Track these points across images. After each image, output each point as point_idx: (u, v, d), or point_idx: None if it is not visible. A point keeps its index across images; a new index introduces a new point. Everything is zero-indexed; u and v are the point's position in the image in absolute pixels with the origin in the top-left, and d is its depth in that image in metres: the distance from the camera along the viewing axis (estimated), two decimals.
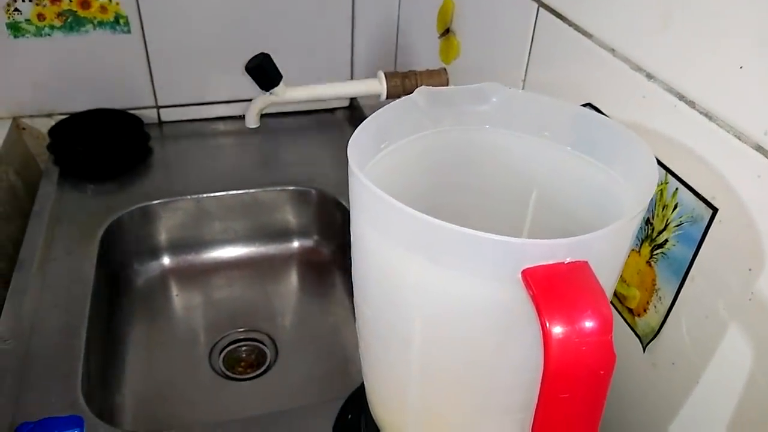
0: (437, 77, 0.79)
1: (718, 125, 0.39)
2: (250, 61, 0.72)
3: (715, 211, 0.40)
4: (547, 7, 0.56)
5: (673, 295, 0.45)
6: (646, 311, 0.48)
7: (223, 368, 0.93)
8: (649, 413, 0.49)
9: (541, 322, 0.28)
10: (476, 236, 0.29)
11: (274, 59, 0.78)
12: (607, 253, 0.31)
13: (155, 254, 1.04)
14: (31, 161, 1.14)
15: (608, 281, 0.32)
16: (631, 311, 0.49)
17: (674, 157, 0.43)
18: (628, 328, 0.50)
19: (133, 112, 1.14)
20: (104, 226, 0.96)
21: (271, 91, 0.73)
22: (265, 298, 1.04)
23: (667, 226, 0.44)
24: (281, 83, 0.74)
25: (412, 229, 0.31)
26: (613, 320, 0.28)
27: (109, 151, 1.07)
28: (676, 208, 0.43)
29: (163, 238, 1.04)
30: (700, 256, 0.42)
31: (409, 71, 0.79)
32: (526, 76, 0.61)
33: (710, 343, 0.42)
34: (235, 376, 0.92)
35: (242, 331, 0.98)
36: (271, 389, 0.90)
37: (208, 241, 1.07)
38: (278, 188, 1.07)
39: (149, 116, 1.17)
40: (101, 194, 1.03)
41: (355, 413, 0.51)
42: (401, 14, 0.92)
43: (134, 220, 1.01)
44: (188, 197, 1.04)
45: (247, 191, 1.06)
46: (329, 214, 1.08)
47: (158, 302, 1.01)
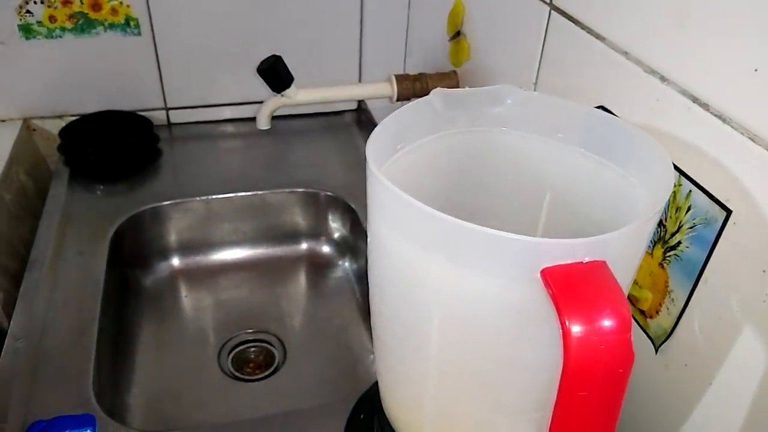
0: (447, 80, 0.79)
1: (732, 128, 0.39)
2: (262, 63, 0.72)
3: (729, 213, 0.40)
4: (559, 10, 0.56)
5: (686, 297, 0.45)
6: (658, 313, 0.48)
7: (231, 369, 0.94)
8: (661, 414, 0.49)
9: (560, 320, 0.28)
10: (496, 236, 0.29)
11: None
12: (624, 253, 0.31)
13: (164, 255, 1.05)
14: (41, 162, 1.14)
15: (625, 281, 0.33)
16: (643, 313, 0.50)
17: (688, 159, 0.44)
18: (640, 329, 0.50)
19: (142, 113, 1.15)
20: (114, 226, 0.96)
21: (282, 93, 0.74)
22: (273, 299, 1.05)
23: (680, 228, 0.45)
24: (292, 85, 0.74)
25: (431, 228, 0.31)
26: (631, 319, 0.28)
27: (119, 152, 1.07)
28: (689, 210, 0.44)
29: (172, 239, 1.04)
30: (713, 258, 0.42)
31: (419, 74, 0.79)
32: (537, 78, 0.62)
33: (723, 344, 0.42)
34: (243, 376, 0.93)
35: (251, 332, 0.99)
36: (279, 390, 0.91)
37: (217, 242, 1.07)
38: (287, 190, 1.08)
39: (159, 118, 1.18)
40: (111, 195, 1.04)
41: (367, 413, 0.51)
42: (411, 17, 0.92)
43: (144, 221, 1.01)
44: (197, 199, 1.04)
45: (255, 193, 1.07)
46: (337, 216, 1.08)
47: (167, 303, 1.01)
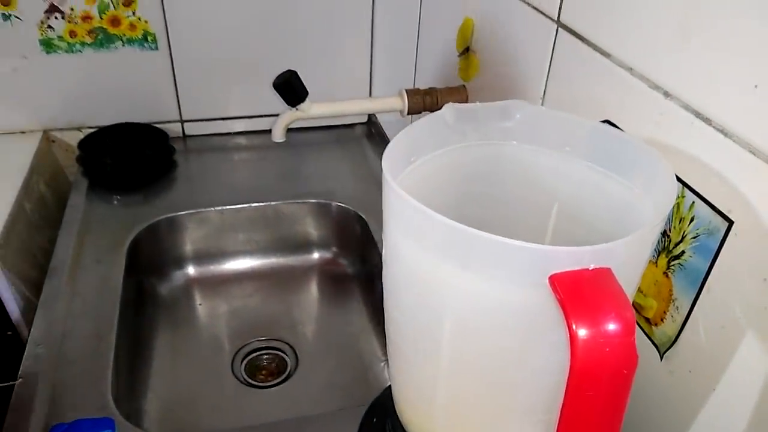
0: (457, 94, 0.81)
1: (733, 141, 0.41)
2: (277, 77, 0.74)
3: (731, 223, 0.42)
4: (566, 27, 0.58)
5: (689, 305, 0.46)
6: (663, 321, 0.49)
7: (245, 376, 0.95)
8: (666, 418, 0.50)
9: (568, 324, 0.30)
10: (506, 243, 0.31)
11: None
12: (628, 260, 0.33)
13: (180, 264, 1.07)
14: (60, 173, 1.17)
15: (629, 287, 0.34)
16: (648, 321, 0.51)
17: (691, 171, 0.45)
18: (645, 337, 0.52)
19: (158, 126, 1.18)
20: (131, 236, 0.99)
21: (297, 107, 0.76)
22: (285, 308, 1.06)
23: (683, 238, 0.46)
24: (307, 99, 0.76)
25: (444, 236, 0.33)
26: (635, 323, 0.30)
27: (135, 163, 1.10)
28: (692, 220, 0.45)
29: (187, 248, 1.07)
30: (716, 267, 0.44)
31: (429, 88, 0.81)
32: (545, 94, 0.63)
33: (727, 351, 0.44)
34: (256, 383, 0.95)
35: (263, 339, 1.01)
36: (291, 397, 0.92)
37: (230, 252, 1.09)
38: (299, 201, 1.10)
39: (174, 130, 1.21)
40: (128, 205, 1.06)
41: (380, 417, 0.53)
42: (421, 33, 0.94)
43: (160, 230, 1.04)
44: (212, 209, 1.07)
45: (268, 204, 1.09)
46: (348, 226, 1.10)
47: (182, 311, 1.03)
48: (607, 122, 0.53)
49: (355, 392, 0.93)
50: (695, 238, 0.45)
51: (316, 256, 1.13)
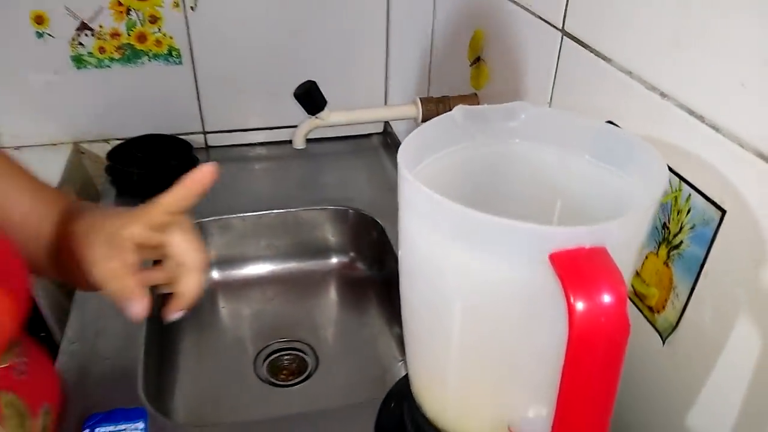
0: (469, 102, 0.85)
1: (723, 136, 0.44)
2: (298, 88, 0.79)
3: (723, 212, 0.45)
4: (569, 35, 0.62)
5: (688, 291, 0.49)
6: (664, 308, 0.52)
7: (267, 375, 0.99)
8: (670, 399, 0.53)
9: (566, 298, 0.33)
10: (510, 225, 0.34)
11: None
12: (623, 240, 0.36)
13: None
14: (90, 182, 1.22)
15: (626, 265, 0.37)
16: (651, 309, 0.54)
17: (687, 166, 0.48)
18: (648, 324, 0.54)
19: (182, 137, 1.22)
20: None
21: (317, 115, 0.80)
22: (305, 310, 1.10)
23: (681, 228, 0.49)
24: (326, 108, 0.80)
25: (453, 221, 0.36)
26: (627, 296, 0.33)
27: (161, 173, 1.15)
28: (689, 212, 0.48)
29: (210, 253, 1.11)
30: (711, 254, 0.47)
31: (442, 96, 0.85)
32: (551, 99, 0.67)
33: (723, 332, 0.46)
34: (278, 382, 0.98)
35: (285, 341, 1.04)
36: (312, 395, 0.96)
37: (252, 257, 1.13)
38: (318, 207, 1.14)
39: (197, 141, 1.26)
40: None
41: (397, 402, 0.56)
42: (434, 44, 0.98)
43: None
44: (234, 216, 1.11)
45: (288, 210, 1.13)
46: (365, 231, 1.14)
47: (206, 314, 1.07)
48: (609, 123, 0.56)
49: (373, 391, 0.96)
50: (692, 228, 0.48)
51: (334, 260, 1.17)
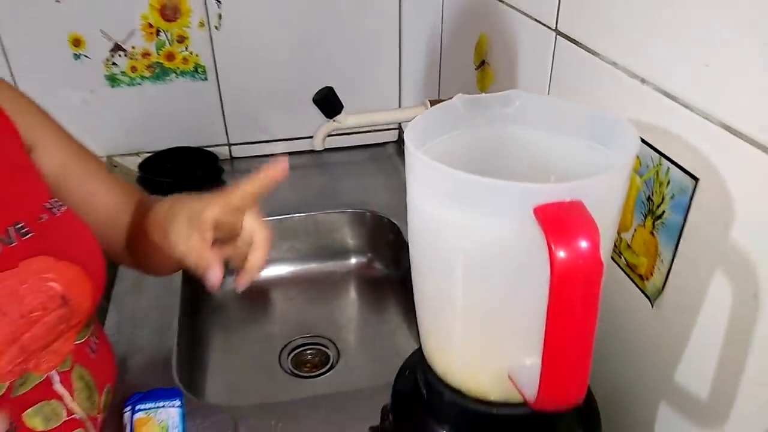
0: None
1: (694, 112, 0.50)
2: (317, 93, 0.85)
3: (697, 180, 0.50)
4: (562, 34, 0.68)
5: (671, 256, 0.54)
6: (652, 274, 0.57)
7: (291, 368, 1.05)
8: (660, 357, 0.58)
9: (548, 244, 0.39)
10: (500, 184, 0.40)
11: None
12: (599, 196, 0.41)
13: (230, 270, 1.17)
14: None
15: (606, 220, 0.42)
16: (641, 276, 0.59)
17: (665, 142, 0.54)
18: (639, 291, 0.59)
19: (208, 149, 1.30)
20: None
21: (334, 118, 0.86)
22: (326, 308, 1.16)
23: (663, 199, 0.54)
24: (342, 112, 0.87)
25: (452, 184, 0.42)
26: (599, 241, 0.38)
27: (188, 182, 1.22)
28: (669, 183, 0.54)
29: None
30: (689, 219, 0.52)
31: (450, 98, 0.91)
32: (549, 91, 0.73)
33: (701, 290, 0.51)
34: (302, 374, 1.04)
35: (308, 336, 1.10)
36: (334, 385, 1.01)
37: (275, 258, 1.20)
38: (336, 211, 1.20)
39: (222, 153, 1.33)
40: None
41: (411, 369, 0.61)
42: (443, 50, 1.05)
43: None
44: None
45: (308, 214, 1.19)
46: (382, 233, 1.20)
47: (233, 312, 1.14)
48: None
49: (391, 381, 1.01)
50: (672, 198, 0.53)
51: (353, 261, 1.23)
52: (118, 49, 1.18)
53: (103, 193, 0.76)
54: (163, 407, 0.74)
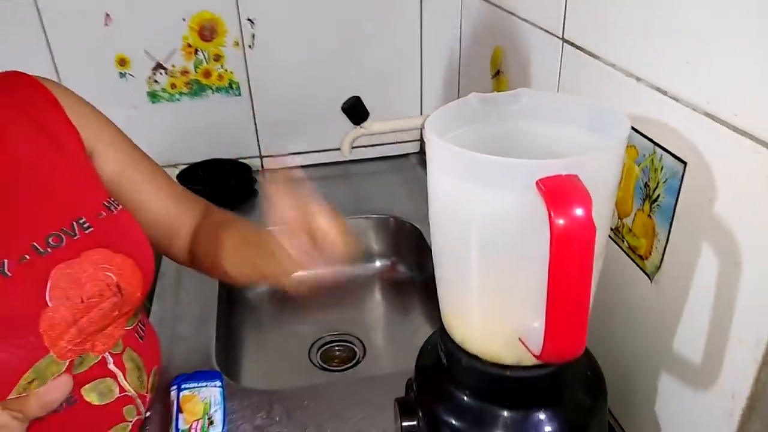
0: None
1: (681, 104, 0.56)
2: (345, 102, 0.93)
3: (685, 164, 0.56)
4: (568, 41, 0.75)
5: (666, 235, 0.60)
6: (651, 254, 0.63)
7: (320, 362, 1.11)
8: (658, 329, 0.64)
9: (548, 212, 0.45)
10: (507, 161, 0.47)
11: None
12: (595, 172, 0.48)
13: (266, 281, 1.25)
14: None
15: (602, 194, 0.49)
16: (641, 257, 0.65)
17: (658, 132, 0.60)
18: (640, 270, 0.65)
19: (242, 160, 1.38)
20: None
21: (361, 125, 0.94)
22: (353, 309, 1.23)
23: (658, 184, 0.61)
24: (369, 119, 0.94)
25: (466, 163, 0.49)
26: (591, 208, 0.45)
27: (223, 191, 1.30)
28: (662, 169, 0.60)
29: None
30: (680, 200, 0.58)
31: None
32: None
33: (692, 263, 0.57)
34: (330, 368, 1.10)
35: (335, 334, 1.17)
36: (361, 378, 1.07)
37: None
38: (362, 216, 1.27)
39: (255, 164, 1.41)
40: None
41: (432, 345, 0.67)
42: (461, 62, 1.12)
43: None
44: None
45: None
46: (406, 238, 1.26)
47: (265, 311, 1.21)
48: None
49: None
50: (665, 182, 0.60)
51: (377, 264, 1.29)
52: (159, 67, 1.28)
53: (157, 200, 0.84)
54: (205, 386, 0.81)
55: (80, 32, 1.21)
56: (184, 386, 0.81)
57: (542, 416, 0.58)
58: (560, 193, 0.46)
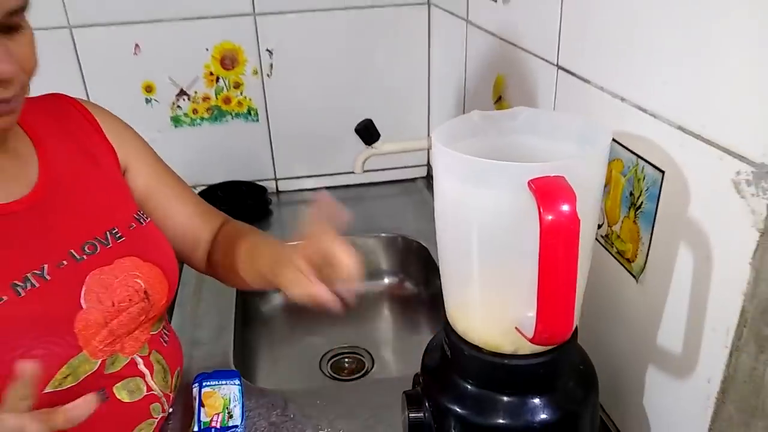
0: None
1: (659, 120, 0.63)
2: (358, 124, 1.01)
3: (663, 173, 0.63)
4: (562, 68, 0.82)
5: (649, 239, 0.67)
6: (636, 257, 0.70)
7: (330, 372, 1.17)
8: (643, 326, 0.70)
9: (538, 208, 0.52)
10: (503, 164, 0.54)
11: None
12: (579, 175, 0.54)
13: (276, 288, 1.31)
14: None
15: (589, 195, 0.55)
16: (628, 260, 0.71)
17: (640, 145, 0.67)
18: (627, 272, 0.72)
19: (258, 182, 1.46)
20: None
21: (372, 145, 1.01)
22: (362, 324, 1.29)
23: (641, 192, 0.67)
24: (380, 140, 1.02)
25: (467, 167, 0.56)
26: (575, 203, 0.51)
27: (240, 211, 1.36)
28: (644, 179, 0.66)
29: None
30: (660, 206, 0.64)
31: None
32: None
33: (671, 262, 0.63)
34: (340, 378, 1.16)
35: (345, 346, 1.22)
36: (369, 388, 1.13)
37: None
38: (371, 235, 1.34)
39: (270, 186, 1.49)
40: None
41: (438, 340, 0.73)
42: (466, 89, 1.20)
43: None
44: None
45: (345, 238, 1.33)
46: (413, 256, 1.33)
47: (279, 324, 1.27)
48: None
49: None
50: (647, 190, 0.66)
51: (386, 281, 1.36)
52: (182, 94, 1.36)
53: (183, 215, 0.91)
54: (225, 384, 0.87)
55: (111, 60, 1.30)
56: (205, 383, 0.87)
57: (538, 401, 0.64)
58: (549, 191, 0.52)
